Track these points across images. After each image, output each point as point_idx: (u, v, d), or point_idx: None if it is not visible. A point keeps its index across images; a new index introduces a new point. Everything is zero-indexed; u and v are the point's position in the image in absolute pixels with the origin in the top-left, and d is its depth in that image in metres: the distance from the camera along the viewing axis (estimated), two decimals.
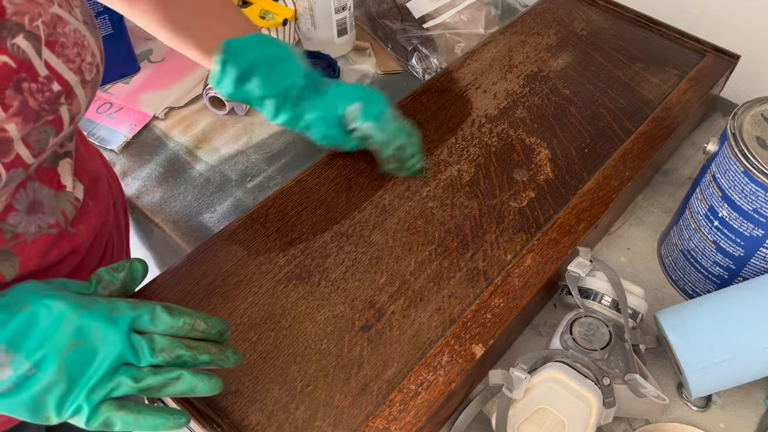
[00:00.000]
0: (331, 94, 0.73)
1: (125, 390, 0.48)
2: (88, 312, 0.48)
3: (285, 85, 0.71)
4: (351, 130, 0.74)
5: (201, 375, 0.50)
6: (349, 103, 0.72)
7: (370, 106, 0.72)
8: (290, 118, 0.73)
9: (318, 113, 0.72)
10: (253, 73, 0.69)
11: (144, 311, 0.50)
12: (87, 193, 0.63)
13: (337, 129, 0.74)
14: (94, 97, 0.55)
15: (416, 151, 0.75)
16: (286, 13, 1.00)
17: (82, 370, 0.47)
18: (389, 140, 0.73)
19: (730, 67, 0.93)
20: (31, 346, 0.46)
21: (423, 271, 0.67)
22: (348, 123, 0.73)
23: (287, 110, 0.72)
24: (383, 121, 0.72)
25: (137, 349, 0.48)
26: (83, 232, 0.61)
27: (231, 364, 0.53)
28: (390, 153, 0.74)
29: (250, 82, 0.69)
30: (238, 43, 0.69)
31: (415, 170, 0.77)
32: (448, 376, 0.59)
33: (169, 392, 0.49)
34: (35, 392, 0.46)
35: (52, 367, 0.46)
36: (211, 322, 0.52)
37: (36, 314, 0.47)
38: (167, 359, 0.49)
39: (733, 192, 0.64)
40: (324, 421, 0.56)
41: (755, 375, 0.61)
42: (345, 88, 0.74)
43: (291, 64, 0.71)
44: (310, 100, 0.72)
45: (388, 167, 0.76)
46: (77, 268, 0.61)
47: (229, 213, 0.84)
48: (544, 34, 0.99)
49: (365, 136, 0.73)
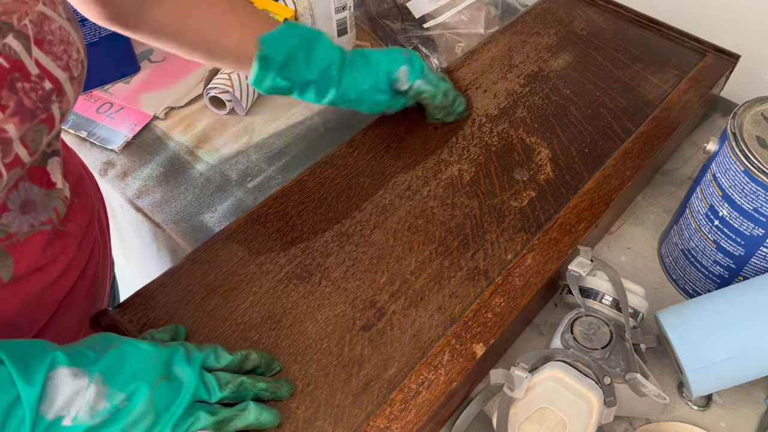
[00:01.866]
0: (373, 63, 0.76)
1: (203, 423, 0.51)
2: (169, 350, 0.52)
3: (325, 65, 0.73)
4: (400, 92, 0.78)
5: (264, 406, 0.55)
6: (393, 67, 0.76)
7: (413, 65, 0.77)
8: (337, 96, 0.75)
9: (365, 85, 0.75)
10: (293, 61, 0.71)
11: (209, 351, 0.54)
12: (73, 191, 0.63)
13: (387, 94, 0.78)
14: (80, 93, 0.55)
15: (457, 94, 0.83)
16: (286, 13, 1.00)
17: (167, 405, 0.50)
18: (437, 90, 0.79)
19: (730, 67, 0.93)
20: (124, 379, 0.49)
21: (424, 270, 0.67)
22: (400, 86, 0.77)
23: (332, 89, 0.74)
24: (428, 74, 0.78)
25: (208, 386, 0.52)
26: (73, 230, 0.62)
27: (285, 392, 0.57)
28: (440, 102, 0.80)
29: (292, 70, 0.71)
30: (273, 36, 0.70)
31: (461, 111, 0.83)
32: (448, 376, 0.59)
33: (239, 424, 0.53)
34: (125, 425, 0.48)
35: (144, 398, 0.48)
36: (259, 353, 0.58)
37: (126, 351, 0.51)
38: (233, 389, 0.53)
39: (733, 191, 0.64)
40: (325, 421, 0.56)
41: (756, 374, 0.61)
42: (380, 55, 0.77)
43: (325, 44, 0.73)
44: (353, 74, 0.75)
45: (437, 116, 0.82)
46: (69, 268, 0.61)
47: (230, 213, 0.84)
48: (545, 34, 0.99)
49: (418, 92, 0.78)
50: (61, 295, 0.61)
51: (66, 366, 0.47)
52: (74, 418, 0.46)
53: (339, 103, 0.76)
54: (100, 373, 0.48)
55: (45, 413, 0.45)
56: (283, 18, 0.99)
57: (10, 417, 0.44)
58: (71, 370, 0.47)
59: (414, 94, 0.78)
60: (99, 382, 0.47)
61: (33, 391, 0.45)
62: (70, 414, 0.46)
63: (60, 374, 0.46)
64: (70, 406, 0.46)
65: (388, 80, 0.76)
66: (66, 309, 0.63)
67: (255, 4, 1.00)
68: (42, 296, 0.58)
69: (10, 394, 0.44)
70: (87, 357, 0.48)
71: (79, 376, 0.47)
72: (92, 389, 0.47)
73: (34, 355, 0.46)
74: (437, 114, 0.82)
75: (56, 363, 0.46)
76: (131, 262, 1.06)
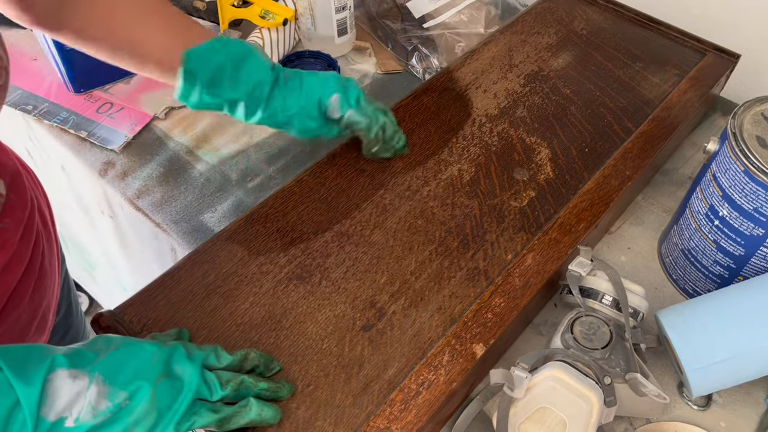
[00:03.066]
0: (306, 87, 0.72)
1: (206, 420, 0.51)
2: (170, 349, 0.52)
3: (253, 84, 0.70)
4: (332, 120, 0.74)
5: (264, 402, 0.55)
6: (325, 93, 0.72)
7: (348, 93, 0.73)
8: (265, 117, 0.72)
9: (295, 108, 0.72)
10: (219, 78, 0.68)
11: (209, 350, 0.54)
12: (9, 188, 0.63)
13: (317, 121, 0.74)
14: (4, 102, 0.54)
15: (396, 128, 0.77)
16: (286, 13, 1.00)
17: (169, 404, 0.50)
18: (372, 122, 0.74)
19: (730, 66, 0.93)
20: (125, 378, 0.49)
21: (423, 270, 0.67)
22: (331, 113, 0.73)
23: (260, 109, 0.71)
24: (363, 105, 0.74)
25: (210, 384, 0.52)
26: (11, 225, 0.61)
27: (286, 392, 0.57)
28: (374, 135, 0.75)
29: (218, 87, 0.68)
30: (199, 51, 0.68)
31: (399, 147, 0.78)
32: (448, 376, 0.59)
33: (241, 421, 0.53)
34: (127, 424, 0.48)
35: (146, 397, 0.48)
36: (258, 352, 0.58)
37: (126, 350, 0.51)
38: (235, 388, 0.53)
39: (733, 191, 0.64)
40: (325, 421, 0.56)
41: (756, 374, 0.61)
42: (315, 79, 0.73)
43: (255, 61, 0.70)
44: (283, 95, 0.72)
45: (373, 150, 0.77)
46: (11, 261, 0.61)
47: (230, 213, 0.84)
48: (545, 34, 0.99)
49: (349, 123, 0.74)
50: (8, 288, 0.61)
51: (65, 368, 0.47)
52: (76, 419, 0.46)
53: (268, 124, 0.73)
54: (101, 373, 0.48)
55: (46, 415, 0.45)
56: (283, 18, 0.99)
57: (10, 422, 0.44)
58: (70, 372, 0.47)
59: (346, 124, 0.74)
60: (100, 381, 0.47)
61: (32, 394, 0.45)
62: (72, 415, 0.46)
63: (59, 376, 0.46)
64: (72, 407, 0.46)
65: (319, 107, 0.73)
66: (16, 302, 0.63)
67: (254, 5, 1.00)
68: None
69: (9, 399, 0.44)
70: (86, 358, 0.49)
71: (78, 377, 0.47)
72: (93, 389, 0.47)
73: (32, 359, 0.46)
74: (371, 147, 0.77)
75: (55, 365, 0.47)
76: (131, 262, 1.06)
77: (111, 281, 1.27)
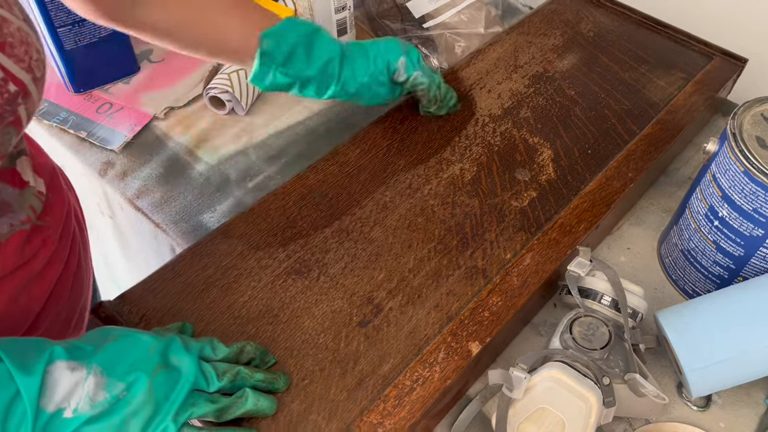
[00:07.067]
0: (372, 55, 0.76)
1: (204, 410, 0.51)
2: (167, 340, 0.53)
3: (325, 61, 0.73)
4: (396, 83, 0.79)
5: (261, 393, 0.55)
6: (391, 59, 0.77)
7: (411, 56, 0.78)
8: (338, 90, 0.75)
9: (365, 78, 0.76)
10: (294, 57, 0.71)
11: (206, 342, 0.55)
12: (48, 186, 0.63)
13: (386, 86, 0.78)
14: (43, 94, 0.54)
15: (449, 87, 0.84)
16: (285, 13, 1.00)
17: (166, 394, 0.50)
18: (432, 82, 0.80)
19: (737, 70, 0.92)
20: (123, 369, 0.49)
21: (422, 268, 0.67)
22: (398, 77, 0.78)
23: (333, 83, 0.74)
24: (424, 67, 0.79)
25: (206, 375, 0.52)
26: (51, 223, 0.62)
27: (282, 384, 0.57)
28: (434, 94, 0.80)
29: (293, 67, 0.71)
30: (274, 32, 0.70)
31: (452, 105, 0.84)
32: (443, 373, 0.58)
33: (238, 411, 0.53)
34: (125, 415, 0.48)
35: (143, 388, 0.49)
36: (254, 345, 0.58)
37: (123, 342, 0.51)
38: (231, 379, 0.53)
39: (733, 192, 0.63)
40: (319, 415, 0.56)
41: (755, 374, 0.60)
42: (379, 46, 0.77)
43: (324, 38, 0.74)
44: (352, 67, 0.75)
45: (430, 109, 0.83)
46: (52, 260, 0.61)
47: (229, 213, 0.84)
48: (551, 35, 0.99)
49: (415, 84, 0.79)
50: (48, 287, 0.61)
51: (64, 360, 0.47)
52: (75, 410, 0.46)
53: (340, 97, 0.76)
54: (99, 365, 0.48)
55: (45, 406, 0.45)
56: None
57: (11, 412, 0.44)
58: (69, 364, 0.47)
59: (411, 86, 0.79)
60: (97, 373, 0.48)
61: (32, 385, 0.45)
62: (71, 406, 0.46)
63: (58, 368, 0.47)
64: (70, 398, 0.46)
65: (387, 72, 0.77)
66: (56, 300, 0.63)
67: None
68: (29, 290, 0.59)
69: (9, 390, 0.45)
70: (84, 351, 0.49)
71: (77, 369, 0.47)
72: (91, 380, 0.47)
73: (31, 351, 0.47)
74: (430, 106, 0.82)
75: (54, 357, 0.47)
76: (131, 262, 1.06)
77: (111, 281, 1.27)
